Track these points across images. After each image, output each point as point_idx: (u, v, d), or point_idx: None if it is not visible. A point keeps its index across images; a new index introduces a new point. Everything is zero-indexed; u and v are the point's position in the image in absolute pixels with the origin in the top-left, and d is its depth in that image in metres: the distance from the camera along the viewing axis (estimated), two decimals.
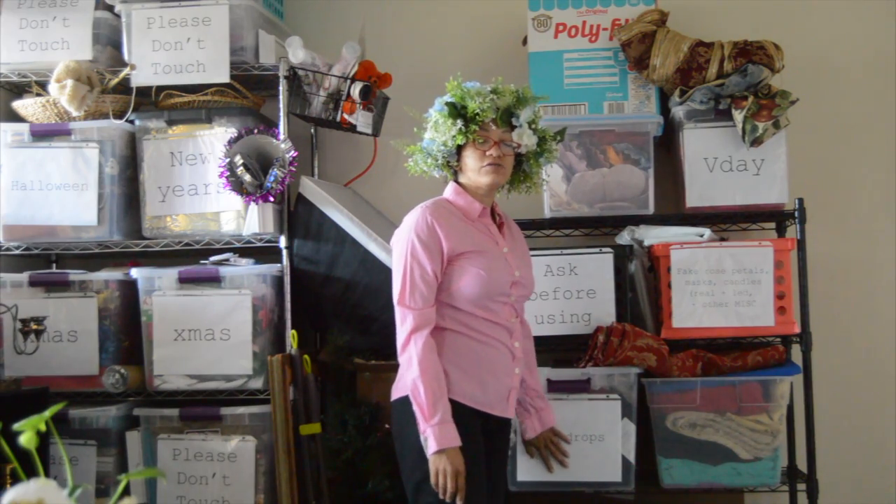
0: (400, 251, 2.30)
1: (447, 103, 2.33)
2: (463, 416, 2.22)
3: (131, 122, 3.08)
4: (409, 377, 2.19)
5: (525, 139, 2.34)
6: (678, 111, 2.94)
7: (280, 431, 2.82)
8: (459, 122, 2.30)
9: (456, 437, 2.14)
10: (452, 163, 2.38)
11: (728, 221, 3.04)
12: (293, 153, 2.95)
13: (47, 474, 1.97)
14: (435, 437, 2.12)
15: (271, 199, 2.93)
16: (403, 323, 2.23)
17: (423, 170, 2.40)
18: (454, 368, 2.25)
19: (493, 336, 2.31)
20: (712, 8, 3.30)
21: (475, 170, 2.33)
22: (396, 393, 2.33)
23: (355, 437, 2.87)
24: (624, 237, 2.94)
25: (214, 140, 3.02)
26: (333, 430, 2.92)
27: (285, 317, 3.00)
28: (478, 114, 2.29)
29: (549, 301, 2.89)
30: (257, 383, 2.94)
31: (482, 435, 2.29)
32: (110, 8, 3.08)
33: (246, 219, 2.99)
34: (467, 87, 2.34)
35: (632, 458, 2.78)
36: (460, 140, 2.31)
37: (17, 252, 3.09)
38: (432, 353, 2.20)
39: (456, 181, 2.42)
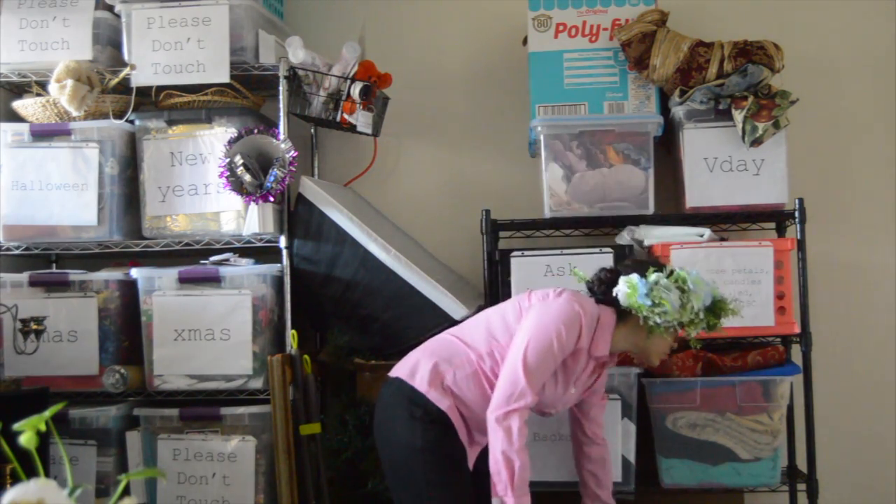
0: (546, 326, 2.24)
1: (717, 308, 2.33)
2: (455, 438, 2.27)
3: (131, 122, 3.08)
4: (503, 447, 2.16)
5: None
6: (678, 111, 2.94)
7: (280, 431, 2.82)
8: (704, 323, 2.31)
9: None
10: (648, 319, 2.28)
11: (728, 221, 3.04)
12: (293, 153, 2.95)
13: (47, 474, 1.97)
14: None
15: (271, 199, 2.93)
16: (520, 397, 2.18)
17: (637, 305, 2.28)
18: (461, 407, 2.29)
19: None
20: (712, 8, 3.30)
21: (656, 350, 2.37)
22: (398, 372, 2.34)
23: (355, 437, 2.87)
24: (624, 237, 2.94)
25: (214, 140, 3.02)
26: (333, 430, 2.93)
27: (285, 317, 3.00)
28: (713, 327, 2.34)
29: None
30: (257, 383, 2.94)
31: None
32: (110, 8, 3.08)
33: (246, 219, 2.99)
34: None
35: (632, 458, 2.78)
36: (691, 333, 2.32)
37: (17, 252, 3.09)
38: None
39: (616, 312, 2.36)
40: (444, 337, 2.42)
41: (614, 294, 2.32)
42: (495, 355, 2.29)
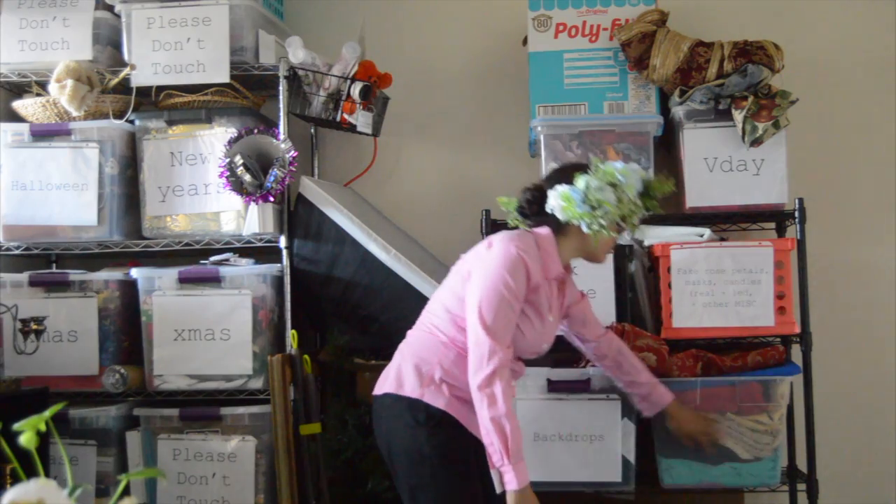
0: (492, 280, 2.18)
1: (651, 190, 2.32)
2: (463, 438, 2.22)
3: (131, 122, 3.08)
4: (491, 413, 2.10)
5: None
6: (678, 111, 2.94)
7: (280, 431, 2.82)
8: (643, 211, 2.31)
9: (528, 473, 2.14)
10: (591, 225, 2.24)
11: (728, 221, 3.04)
12: (293, 153, 2.95)
13: (47, 474, 1.97)
14: (517, 476, 2.10)
15: (271, 199, 2.93)
16: (491, 357, 2.12)
17: (573, 216, 2.24)
18: (456, 394, 2.23)
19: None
20: (712, 8, 3.30)
21: (603, 249, 2.34)
22: (386, 388, 2.28)
23: (355, 437, 2.87)
24: (624, 237, 2.94)
25: (214, 140, 3.02)
26: (333, 430, 2.93)
27: (285, 317, 3.00)
28: (647, 213, 2.33)
29: None
30: (257, 383, 2.94)
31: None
32: (110, 8, 3.08)
33: (246, 219, 2.99)
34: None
35: (632, 458, 2.78)
36: (632, 222, 2.30)
37: (17, 252, 3.09)
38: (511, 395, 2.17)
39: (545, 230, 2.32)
40: (411, 336, 2.36)
41: (549, 211, 2.28)
42: (465, 329, 2.22)
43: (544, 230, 2.30)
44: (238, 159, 2.93)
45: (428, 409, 2.20)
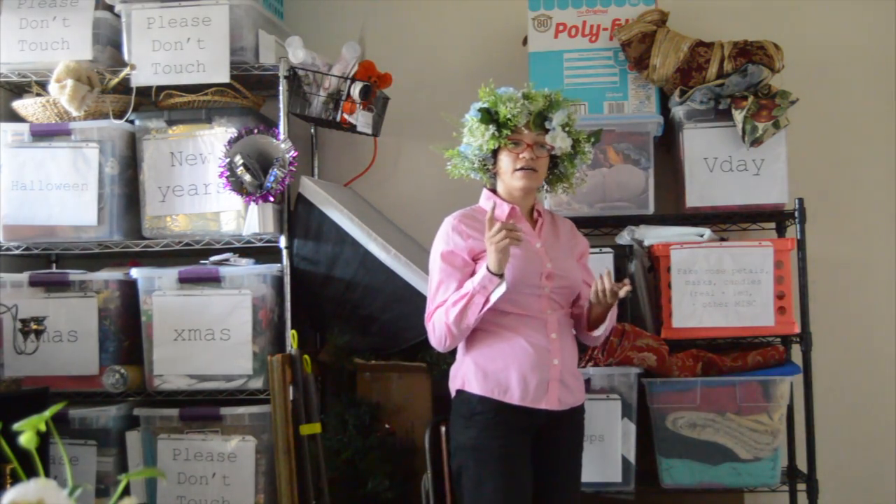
0: (430, 264, 2.39)
1: (480, 109, 2.37)
2: (500, 413, 2.24)
3: (131, 122, 3.08)
4: (445, 331, 2.26)
5: (558, 142, 2.36)
6: (678, 111, 2.94)
7: (280, 431, 2.82)
8: (492, 128, 2.34)
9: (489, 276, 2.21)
10: (489, 166, 2.41)
11: (728, 221, 3.04)
12: (293, 153, 2.95)
13: (47, 474, 1.97)
14: (485, 280, 2.21)
15: (271, 199, 2.93)
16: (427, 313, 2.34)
17: (462, 173, 2.45)
18: (480, 366, 2.28)
19: (523, 329, 2.28)
20: (712, 8, 3.30)
21: (508, 173, 2.37)
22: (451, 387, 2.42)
23: (355, 437, 2.87)
24: (624, 237, 2.94)
25: (214, 140, 3.02)
26: (333, 430, 2.93)
27: (285, 317, 3.00)
28: (509, 119, 2.32)
29: None
30: (257, 383, 2.94)
31: (527, 433, 2.28)
32: (110, 8, 3.08)
33: (246, 219, 2.99)
34: (499, 92, 2.37)
35: (632, 458, 2.78)
36: (493, 144, 2.35)
37: (17, 252, 3.09)
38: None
39: (491, 188, 2.46)
40: None
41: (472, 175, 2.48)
42: None
43: (482, 194, 2.50)
44: (238, 159, 2.93)
45: (468, 399, 2.30)
